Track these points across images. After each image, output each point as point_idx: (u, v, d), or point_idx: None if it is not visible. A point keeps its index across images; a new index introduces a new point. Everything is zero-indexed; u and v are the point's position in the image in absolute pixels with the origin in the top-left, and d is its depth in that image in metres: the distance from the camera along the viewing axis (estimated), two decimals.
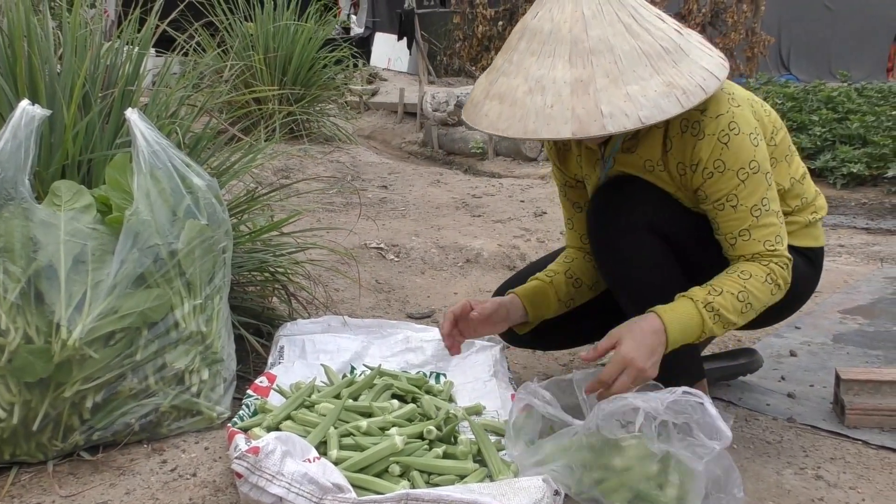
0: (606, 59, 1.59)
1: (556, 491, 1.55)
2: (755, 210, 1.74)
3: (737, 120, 1.72)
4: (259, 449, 1.51)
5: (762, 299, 1.75)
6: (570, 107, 1.57)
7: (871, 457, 1.91)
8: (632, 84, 1.58)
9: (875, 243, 4.26)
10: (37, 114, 1.69)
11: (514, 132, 1.62)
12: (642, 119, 1.56)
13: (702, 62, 1.65)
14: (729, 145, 1.72)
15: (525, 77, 1.64)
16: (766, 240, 1.76)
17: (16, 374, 1.64)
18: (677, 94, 1.58)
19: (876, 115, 6.43)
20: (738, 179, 1.73)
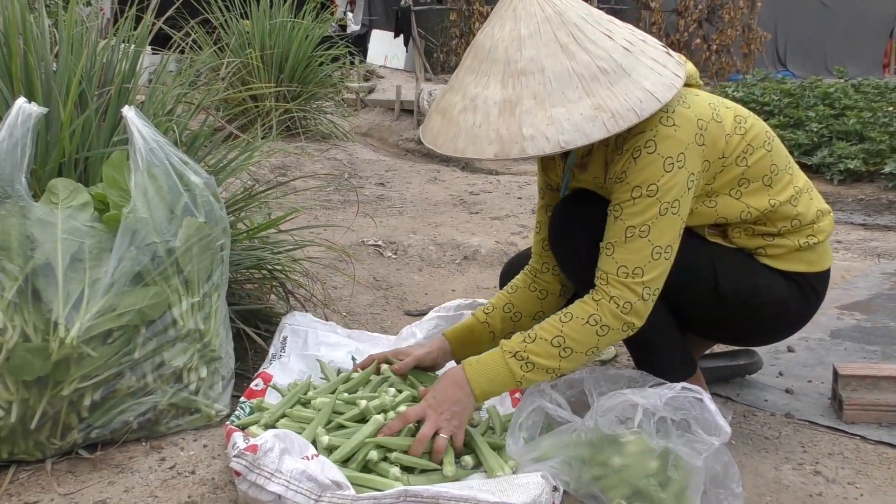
0: (536, 81, 1.58)
1: (554, 487, 1.55)
2: (629, 230, 1.68)
3: (657, 140, 1.66)
4: (257, 447, 1.51)
5: (584, 342, 1.69)
6: (496, 128, 1.58)
7: (868, 452, 1.91)
8: (557, 107, 1.56)
9: (872, 239, 4.27)
10: (33, 111, 1.69)
11: (446, 149, 1.64)
12: (562, 143, 1.54)
13: (645, 82, 1.60)
14: (637, 161, 1.67)
15: (462, 94, 1.66)
16: (622, 265, 1.68)
17: (13, 372, 1.63)
18: (604, 117, 1.55)
19: (872, 111, 6.44)
20: (629, 195, 1.68)
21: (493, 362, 1.72)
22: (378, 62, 12.30)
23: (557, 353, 1.69)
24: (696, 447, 1.52)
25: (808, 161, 5.87)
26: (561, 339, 1.69)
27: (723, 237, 1.87)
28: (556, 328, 1.70)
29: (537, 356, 1.69)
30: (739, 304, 1.84)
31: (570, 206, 1.90)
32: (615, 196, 1.72)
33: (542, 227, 2.05)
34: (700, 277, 1.81)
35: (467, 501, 1.44)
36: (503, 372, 1.70)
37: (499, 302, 2.05)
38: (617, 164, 1.71)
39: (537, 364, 1.69)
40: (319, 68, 6.29)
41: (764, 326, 1.96)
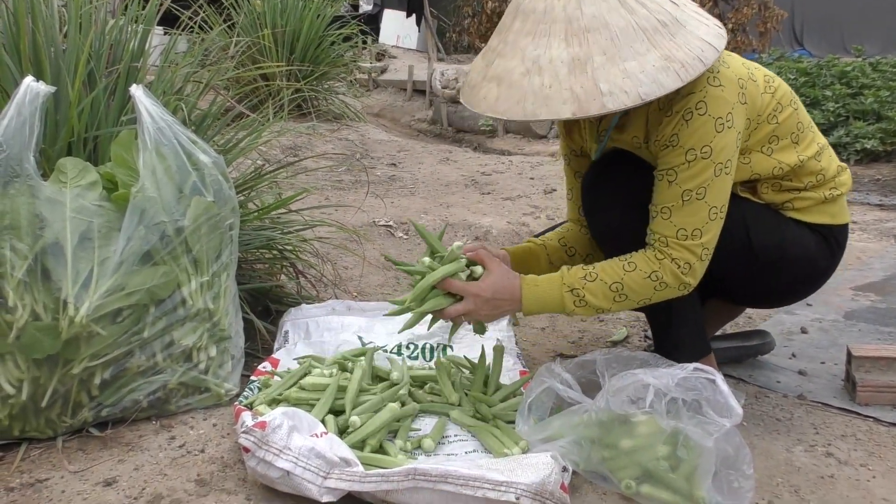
0: (602, 37, 1.57)
1: (564, 467, 1.54)
2: (686, 194, 1.70)
3: (707, 101, 1.68)
4: (266, 424, 1.51)
5: (641, 294, 1.74)
6: (569, 86, 1.56)
7: (882, 434, 1.90)
8: (629, 60, 1.55)
9: (888, 220, 4.22)
10: (41, 90, 1.68)
11: (513, 114, 1.61)
12: (642, 95, 1.54)
13: (699, 32, 1.62)
14: (689, 123, 1.68)
15: (522, 58, 1.62)
16: (682, 228, 1.71)
17: (24, 350, 1.64)
18: (675, 67, 1.56)
19: (890, 91, 6.35)
20: (684, 158, 1.70)
21: (550, 291, 1.76)
22: (390, 42, 12.24)
23: (613, 297, 1.74)
24: (707, 428, 1.51)
25: None
26: (620, 286, 1.73)
27: (752, 193, 1.89)
28: (618, 274, 1.74)
29: (593, 296, 1.74)
30: (770, 258, 1.87)
31: (602, 171, 1.90)
32: (666, 160, 1.73)
33: (573, 194, 2.08)
34: (732, 233, 1.81)
35: (476, 480, 1.44)
36: (556, 301, 1.76)
37: (553, 236, 2.08)
38: (666, 128, 1.71)
39: (590, 303, 1.75)
40: (331, 48, 6.26)
41: (792, 281, 1.97)
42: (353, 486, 1.47)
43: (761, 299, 2.13)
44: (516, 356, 2.16)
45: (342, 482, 1.47)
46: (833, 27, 13.69)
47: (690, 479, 1.52)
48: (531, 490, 1.43)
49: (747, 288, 1.98)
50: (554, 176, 4.89)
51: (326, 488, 1.47)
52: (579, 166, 2.05)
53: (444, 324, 2.28)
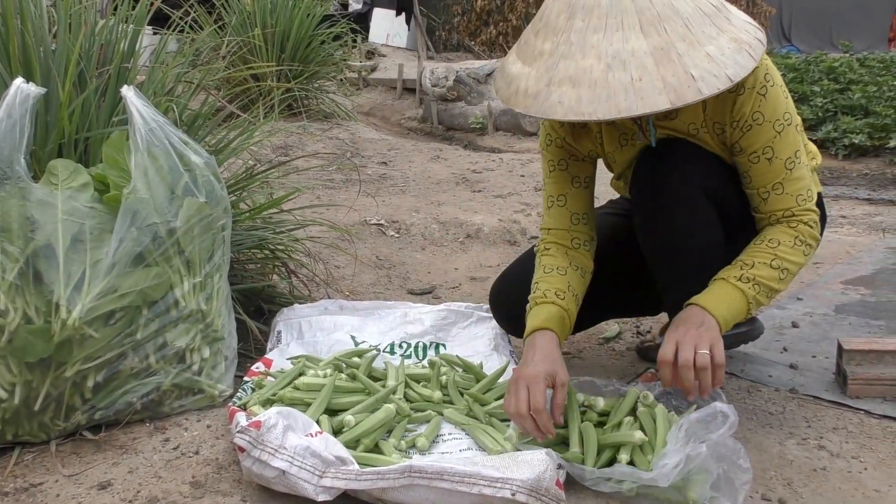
0: (677, 24, 1.54)
1: (559, 464, 1.55)
2: (789, 163, 1.76)
3: (770, 72, 1.73)
4: (261, 423, 1.52)
5: (796, 262, 1.77)
6: (660, 77, 1.51)
7: (873, 426, 1.91)
8: (707, 45, 1.54)
9: (877, 214, 4.25)
10: (31, 92, 1.68)
11: (604, 113, 1.52)
12: (731, 77, 1.52)
13: (742, 16, 1.65)
14: (767, 97, 1.72)
15: (597, 55, 1.54)
16: (799, 194, 1.77)
17: (16, 354, 1.63)
18: (746, 48, 1.56)
19: (878, 86, 6.39)
20: (774, 131, 1.74)
21: (724, 291, 1.73)
22: (380, 41, 12.21)
23: (777, 275, 1.75)
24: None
25: (813, 136, 5.83)
26: (779, 262, 1.74)
27: None
28: (769, 252, 1.75)
29: (763, 278, 1.73)
30: None
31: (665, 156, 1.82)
32: (756, 139, 1.75)
33: (567, 200, 1.97)
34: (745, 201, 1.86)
35: (472, 477, 1.44)
36: (737, 296, 1.73)
37: (562, 285, 1.87)
38: (744, 107, 1.73)
39: (763, 284, 1.73)
40: (321, 47, 6.25)
41: None
42: (348, 485, 1.47)
43: None
44: (509, 354, 2.16)
45: (338, 481, 1.47)
46: (821, 23, 13.74)
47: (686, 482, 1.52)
48: (527, 486, 1.44)
49: None
50: None
51: (322, 487, 1.47)
52: (580, 171, 1.98)
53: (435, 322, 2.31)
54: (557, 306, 1.83)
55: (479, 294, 2.85)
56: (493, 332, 2.25)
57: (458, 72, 8.14)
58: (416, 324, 2.30)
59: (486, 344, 2.21)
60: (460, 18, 12.60)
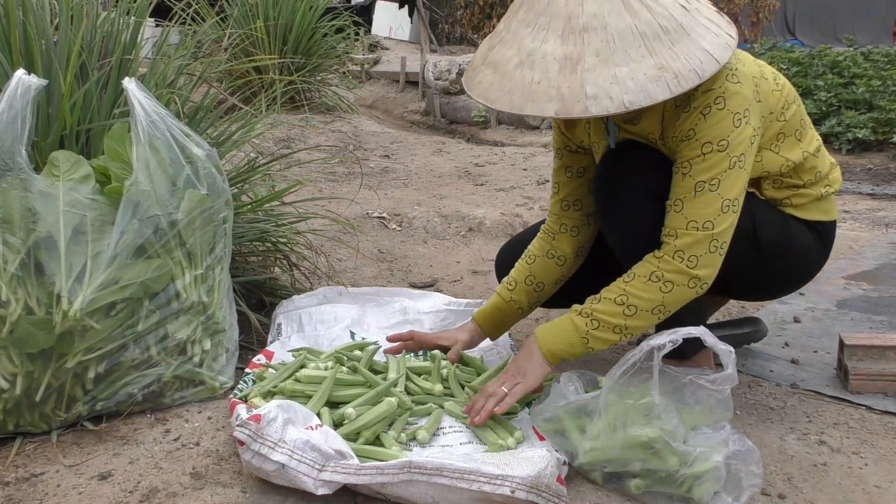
0: (598, 38, 1.54)
1: (564, 461, 1.55)
2: (699, 185, 1.68)
3: (726, 96, 1.67)
4: (261, 416, 1.51)
5: (648, 298, 1.69)
6: (557, 85, 1.54)
7: (874, 422, 1.91)
8: (621, 65, 1.53)
9: (880, 209, 4.24)
10: (33, 83, 1.67)
11: (502, 105, 1.59)
12: (626, 104, 1.51)
13: (703, 42, 1.58)
14: (707, 118, 1.67)
15: (518, 49, 1.60)
16: (692, 220, 1.68)
17: (18, 345, 1.64)
18: (668, 78, 1.53)
19: (882, 80, 6.37)
20: (700, 151, 1.68)
21: (561, 321, 1.76)
22: (383, 33, 12.21)
23: (622, 311, 1.71)
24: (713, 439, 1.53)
25: (817, 130, 5.80)
26: (624, 298, 1.71)
27: (756, 189, 1.90)
28: (620, 288, 1.72)
29: (602, 314, 1.71)
30: (773, 253, 1.88)
31: (618, 159, 1.86)
32: (683, 154, 1.72)
33: (560, 188, 2.04)
34: (740, 226, 1.80)
35: (471, 473, 1.44)
36: (569, 329, 1.73)
37: (520, 275, 2.05)
38: (684, 123, 1.71)
39: (602, 321, 1.71)
40: (324, 40, 6.24)
41: (790, 275, 1.99)
42: (348, 479, 1.47)
43: (757, 292, 2.14)
44: (510, 348, 2.16)
45: (337, 475, 1.47)
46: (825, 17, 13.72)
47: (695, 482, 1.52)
48: (526, 483, 1.43)
49: (748, 281, 1.97)
50: (547, 167, 4.89)
51: (322, 481, 1.47)
52: (573, 161, 2.02)
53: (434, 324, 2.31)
54: (500, 297, 2.05)
55: (481, 287, 2.85)
56: None
57: (461, 65, 8.13)
58: (415, 324, 2.30)
59: (486, 340, 2.21)
60: (463, 11, 12.59)
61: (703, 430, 1.56)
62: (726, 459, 1.51)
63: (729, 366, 1.55)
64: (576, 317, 1.73)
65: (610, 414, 1.57)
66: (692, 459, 1.50)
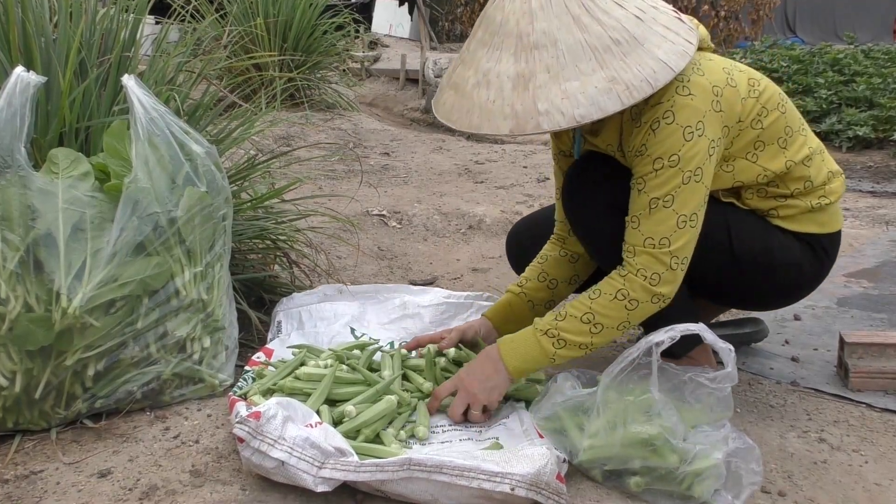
0: (549, 54, 1.55)
1: (564, 459, 1.55)
2: (653, 202, 1.67)
3: (675, 110, 1.65)
4: (260, 414, 1.51)
5: (614, 317, 1.70)
6: (511, 103, 1.56)
7: (874, 420, 1.91)
8: (571, 80, 1.54)
9: (881, 207, 4.23)
10: (32, 80, 1.67)
11: (461, 125, 1.62)
12: (577, 118, 1.53)
13: (657, 51, 1.58)
14: (656, 133, 1.66)
15: (475, 69, 1.63)
16: (649, 237, 1.68)
17: (17, 342, 1.64)
18: (619, 90, 1.53)
19: (883, 78, 6.36)
20: (651, 167, 1.67)
21: (526, 340, 1.75)
22: (383, 31, 12.20)
23: (588, 329, 1.71)
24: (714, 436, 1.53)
25: (817, 128, 5.80)
26: (591, 316, 1.70)
27: (736, 198, 1.87)
28: (585, 305, 1.71)
29: (568, 332, 1.71)
30: (754, 266, 1.84)
31: (581, 171, 1.89)
32: (637, 170, 1.71)
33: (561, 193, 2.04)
34: (715, 239, 1.80)
35: (471, 471, 1.44)
36: (535, 349, 1.73)
37: (532, 273, 2.05)
38: (635, 138, 1.70)
39: (569, 340, 1.71)
40: (324, 37, 6.23)
41: (776, 289, 1.95)
42: (347, 476, 1.47)
43: (748, 303, 2.11)
44: None
45: (337, 472, 1.47)
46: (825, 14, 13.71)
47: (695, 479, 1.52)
48: (526, 481, 1.43)
49: (732, 292, 1.97)
50: (547, 164, 4.88)
51: (321, 478, 1.47)
52: (566, 165, 2.02)
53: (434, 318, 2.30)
54: (511, 293, 2.05)
55: (481, 285, 2.85)
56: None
57: None
58: (415, 318, 2.30)
59: None
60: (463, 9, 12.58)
61: (702, 429, 1.56)
62: (726, 457, 1.51)
63: (729, 364, 1.55)
64: (542, 337, 1.73)
65: (609, 411, 1.57)
66: (692, 457, 1.50)
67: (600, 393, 1.59)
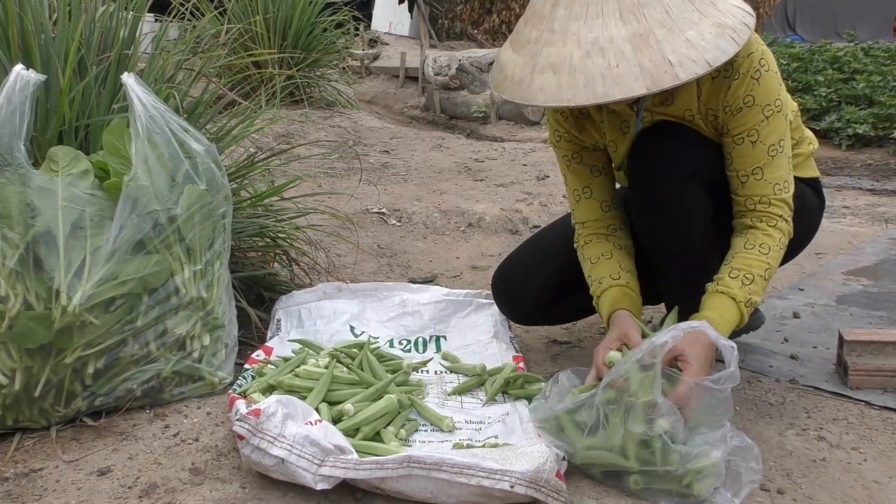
0: (657, 10, 1.56)
1: (563, 457, 1.55)
2: (772, 149, 1.76)
3: (766, 57, 1.74)
4: (260, 411, 1.52)
5: (777, 266, 1.80)
6: (637, 62, 1.53)
7: (873, 417, 1.91)
8: (688, 30, 1.55)
9: (880, 204, 4.23)
10: (31, 78, 1.67)
11: (582, 99, 1.55)
12: (710, 62, 1.54)
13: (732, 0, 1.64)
14: (760, 81, 1.73)
15: (577, 42, 1.57)
16: (777, 183, 1.77)
17: (16, 340, 1.64)
18: (729, 33, 1.57)
19: (882, 75, 6.36)
20: (763, 115, 1.74)
21: (731, 315, 1.75)
22: (382, 29, 12.19)
23: (765, 286, 1.79)
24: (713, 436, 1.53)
25: (817, 126, 5.81)
26: (770, 272, 1.78)
27: None
28: (764, 262, 1.77)
29: (757, 294, 1.77)
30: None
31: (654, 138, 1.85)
32: (743, 121, 1.76)
33: (593, 190, 2.00)
34: None
35: (470, 468, 1.44)
36: (737, 318, 1.76)
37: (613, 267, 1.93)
38: (737, 90, 1.74)
39: (755, 301, 1.78)
40: (323, 35, 6.23)
41: (800, 234, 1.94)
42: (347, 474, 1.47)
43: None
44: (509, 340, 2.16)
45: (336, 469, 1.47)
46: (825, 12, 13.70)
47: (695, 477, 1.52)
48: (525, 478, 1.44)
49: None
50: (547, 162, 4.88)
51: (321, 476, 1.47)
52: (596, 160, 2.00)
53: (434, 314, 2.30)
54: (618, 287, 1.90)
55: (481, 283, 2.85)
56: (492, 320, 2.25)
57: (461, 60, 8.13)
58: (414, 316, 2.30)
59: (486, 332, 2.21)
60: (463, 7, 12.57)
61: (702, 431, 1.56)
62: (726, 456, 1.51)
63: (731, 363, 1.55)
64: (744, 308, 1.75)
65: (609, 412, 1.57)
66: (692, 457, 1.50)
67: (599, 393, 1.59)
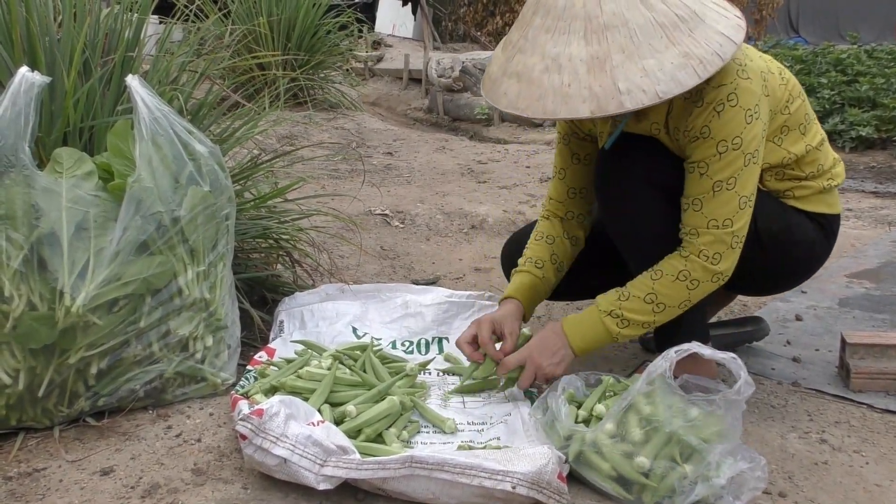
0: (621, 34, 1.57)
1: (564, 458, 1.55)
2: (717, 185, 1.72)
3: (738, 92, 1.69)
4: (263, 411, 1.52)
5: (676, 297, 1.76)
6: (588, 85, 1.56)
7: (875, 420, 1.91)
8: (647, 58, 1.56)
9: (883, 207, 4.23)
10: (36, 80, 1.68)
11: (533, 112, 1.60)
12: (660, 94, 1.54)
13: (718, 26, 1.62)
14: (721, 115, 1.70)
15: (541, 55, 1.61)
16: (713, 218, 1.73)
17: (20, 340, 1.64)
18: (693, 64, 1.56)
19: (886, 78, 6.34)
20: (716, 150, 1.71)
21: (591, 321, 1.80)
22: (386, 31, 12.20)
23: (651, 308, 1.76)
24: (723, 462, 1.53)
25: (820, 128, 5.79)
26: (653, 296, 1.76)
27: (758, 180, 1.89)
28: (647, 286, 1.76)
29: (631, 312, 1.76)
30: (774, 243, 1.89)
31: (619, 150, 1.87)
32: (697, 152, 1.74)
33: (566, 174, 2.06)
34: None
35: (472, 469, 1.44)
36: (600, 330, 1.79)
37: (544, 254, 2.04)
38: (697, 119, 1.72)
39: (632, 320, 1.77)
40: (327, 37, 6.24)
41: (793, 267, 2.01)
42: (349, 474, 1.47)
43: (762, 285, 2.15)
44: None
45: (339, 470, 1.48)
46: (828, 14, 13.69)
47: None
48: (527, 479, 1.44)
49: (751, 273, 1.97)
50: (550, 165, 4.88)
51: (323, 476, 1.48)
52: (580, 149, 2.04)
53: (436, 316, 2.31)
54: (532, 275, 2.00)
55: (484, 285, 2.85)
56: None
57: (464, 62, 8.13)
58: (417, 318, 2.30)
59: None
60: (466, 9, 12.58)
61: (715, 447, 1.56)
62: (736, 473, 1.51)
63: (741, 373, 1.56)
64: (606, 318, 1.78)
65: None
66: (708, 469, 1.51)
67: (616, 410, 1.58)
